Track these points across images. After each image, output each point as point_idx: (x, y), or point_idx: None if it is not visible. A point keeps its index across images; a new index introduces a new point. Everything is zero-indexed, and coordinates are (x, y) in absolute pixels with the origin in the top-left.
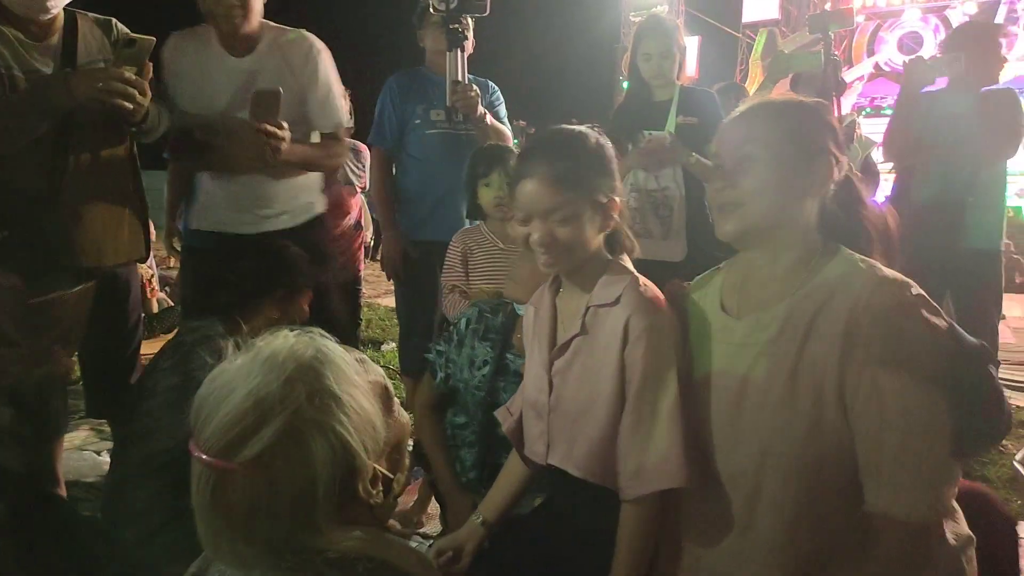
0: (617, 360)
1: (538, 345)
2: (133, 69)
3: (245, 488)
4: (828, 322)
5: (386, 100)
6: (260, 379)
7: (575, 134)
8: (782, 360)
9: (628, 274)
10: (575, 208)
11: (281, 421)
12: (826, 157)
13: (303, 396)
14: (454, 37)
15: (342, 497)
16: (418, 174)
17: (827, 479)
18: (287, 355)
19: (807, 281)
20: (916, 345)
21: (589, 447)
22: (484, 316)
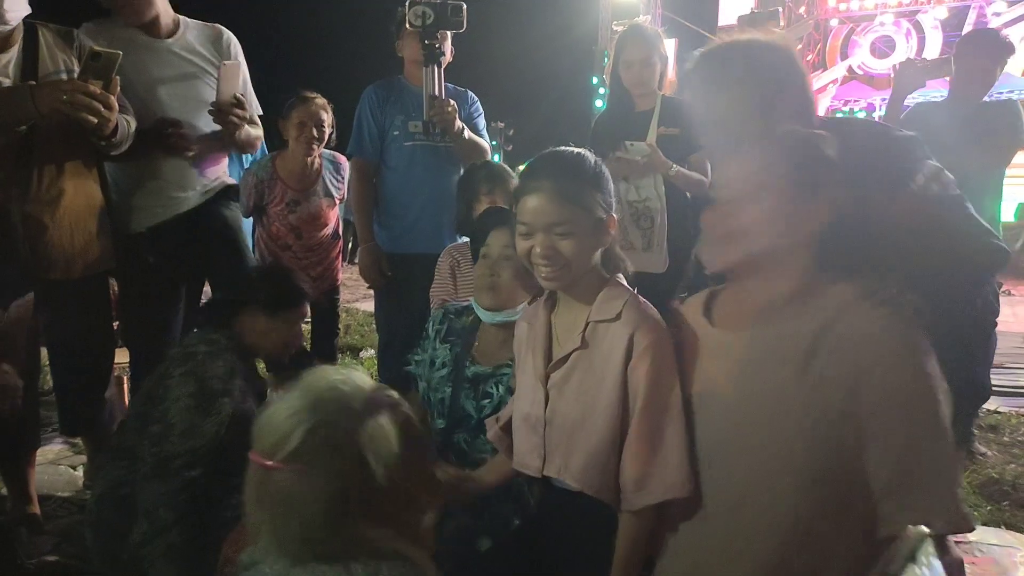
0: (619, 374)
1: (532, 358)
2: (99, 83)
3: (283, 480)
4: (832, 348)
5: (364, 111)
6: (297, 399)
7: (576, 154)
8: (783, 379)
9: (627, 291)
10: (577, 223)
11: (309, 424)
12: (826, 191)
13: (330, 411)
14: (430, 53)
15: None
16: (396, 186)
17: (826, 499)
18: (323, 382)
19: (807, 302)
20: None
21: (587, 459)
22: (449, 318)
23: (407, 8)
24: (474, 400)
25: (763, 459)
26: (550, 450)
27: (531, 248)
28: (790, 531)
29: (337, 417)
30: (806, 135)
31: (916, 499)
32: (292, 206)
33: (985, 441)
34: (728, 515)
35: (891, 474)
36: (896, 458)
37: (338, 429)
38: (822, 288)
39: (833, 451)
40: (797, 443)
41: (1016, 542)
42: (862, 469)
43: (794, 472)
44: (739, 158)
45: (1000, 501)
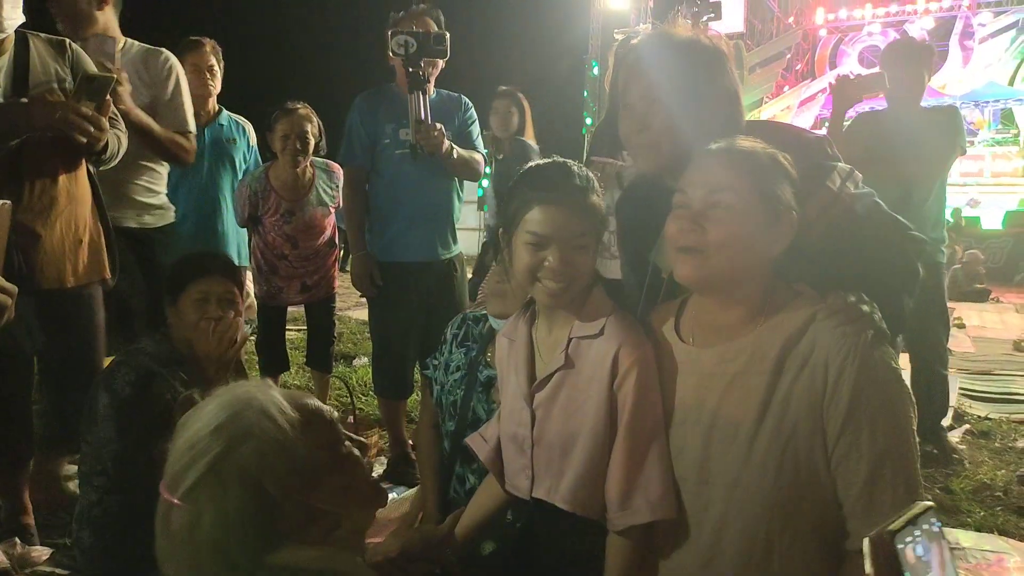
0: (606, 392)
1: (515, 377)
2: (92, 104)
3: (182, 518)
4: (799, 365)
5: (355, 119)
6: (199, 425)
7: (580, 167)
8: (752, 393)
9: (608, 305)
10: (591, 237)
11: (204, 463)
12: (791, 214)
13: (224, 442)
14: (415, 80)
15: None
16: (387, 194)
17: (803, 515)
18: (225, 404)
19: (771, 317)
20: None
21: (577, 480)
22: (467, 323)
23: (390, 37)
24: (486, 404)
25: (735, 477)
26: (538, 471)
27: (542, 261)
28: (764, 548)
29: (229, 449)
30: (776, 153)
31: (884, 516)
32: (287, 216)
33: (977, 447)
34: (702, 534)
35: (860, 491)
36: (864, 476)
37: (230, 462)
38: (784, 303)
39: (804, 468)
40: (769, 460)
41: (1009, 547)
42: (832, 485)
43: (766, 489)
44: (709, 165)
45: (992, 507)
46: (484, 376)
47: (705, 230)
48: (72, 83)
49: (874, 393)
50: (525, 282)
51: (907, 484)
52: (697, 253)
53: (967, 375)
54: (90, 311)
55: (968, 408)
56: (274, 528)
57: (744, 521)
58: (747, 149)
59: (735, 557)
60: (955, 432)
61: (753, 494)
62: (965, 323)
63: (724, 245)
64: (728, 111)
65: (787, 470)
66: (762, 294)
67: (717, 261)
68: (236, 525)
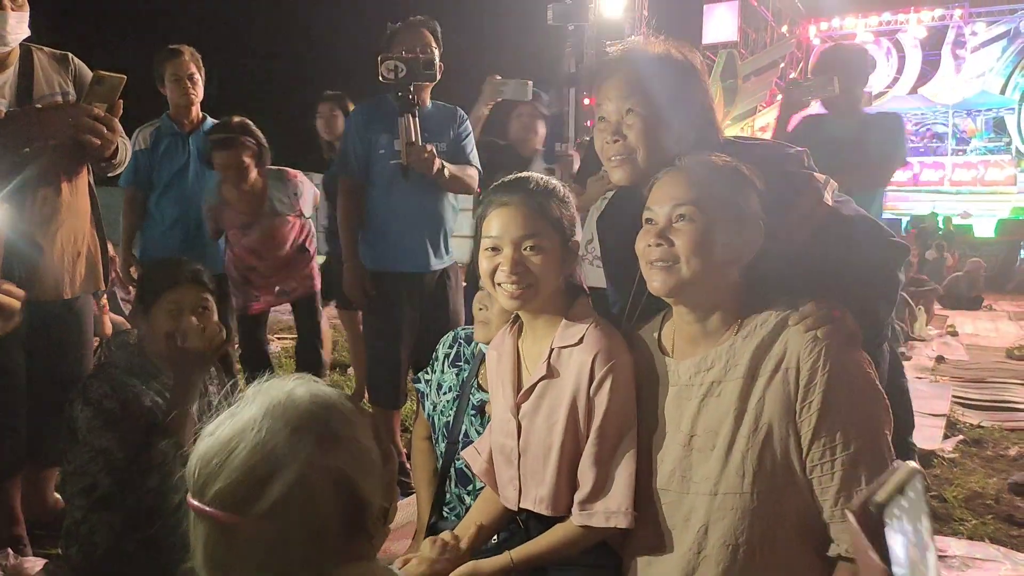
0: (584, 399)
1: (502, 389)
2: (103, 106)
3: (257, 540)
4: (771, 369)
5: (350, 130)
6: (266, 431)
7: (548, 179)
8: (727, 401)
9: (590, 316)
10: (548, 240)
11: (292, 472)
12: (756, 223)
13: (312, 444)
14: (404, 103)
15: (349, 534)
16: (382, 204)
17: (784, 521)
18: (288, 404)
19: (744, 324)
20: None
21: (560, 486)
22: (459, 342)
23: (379, 63)
24: (480, 427)
25: (715, 485)
26: (525, 481)
27: (496, 266)
28: (746, 555)
29: (317, 452)
30: (738, 165)
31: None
32: (245, 229)
33: (969, 455)
34: (684, 543)
35: (835, 498)
36: (839, 483)
37: (320, 467)
38: (758, 311)
39: (781, 473)
40: (746, 467)
41: (1001, 555)
42: (811, 490)
43: (745, 496)
44: (673, 181)
45: (984, 515)
46: (477, 399)
47: (672, 243)
48: (74, 96)
49: (846, 396)
50: (489, 288)
51: None
52: (666, 266)
53: (960, 383)
54: (84, 322)
55: (960, 416)
56: (364, 535)
57: (725, 529)
58: (708, 163)
59: (718, 565)
60: (948, 441)
61: (733, 501)
62: (958, 331)
63: (691, 255)
64: (701, 123)
65: (764, 476)
66: (736, 303)
67: (686, 272)
68: (333, 537)
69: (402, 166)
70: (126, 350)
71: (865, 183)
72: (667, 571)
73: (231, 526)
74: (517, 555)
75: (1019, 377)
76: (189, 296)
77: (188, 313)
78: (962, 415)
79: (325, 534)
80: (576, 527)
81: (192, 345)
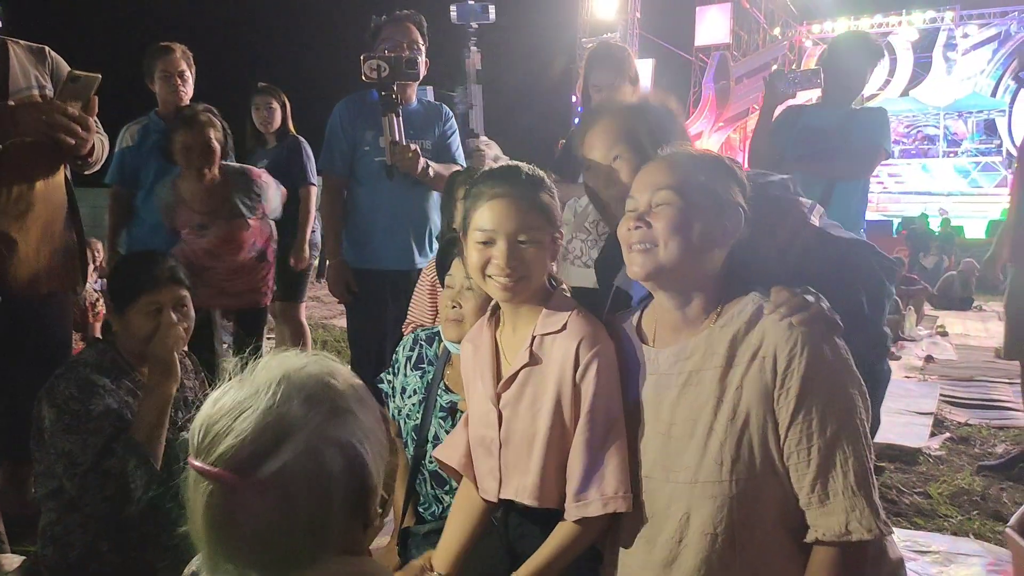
0: (569, 385)
1: (481, 380)
2: (78, 104)
3: (260, 506)
4: (749, 357)
5: (335, 125)
6: (279, 398)
7: (537, 172)
8: (706, 389)
9: (571, 303)
10: (541, 234)
11: (303, 439)
12: (736, 210)
13: (325, 415)
14: (387, 103)
15: (352, 517)
16: (366, 201)
17: (763, 508)
18: (304, 375)
19: (722, 313)
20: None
21: (546, 475)
22: (419, 344)
23: (362, 62)
24: (448, 428)
25: (695, 472)
26: (506, 472)
27: (488, 259)
28: (726, 542)
29: (329, 421)
30: (718, 155)
31: (836, 507)
32: (201, 230)
33: (956, 453)
34: (666, 530)
35: (811, 483)
36: (816, 468)
37: (330, 438)
38: (735, 299)
39: (760, 460)
40: (725, 454)
41: (985, 551)
42: (788, 477)
43: (724, 483)
44: (652, 169)
45: (970, 511)
46: (445, 401)
47: (651, 226)
48: (53, 90)
49: (823, 383)
50: (478, 280)
51: (858, 472)
52: (644, 249)
53: (948, 382)
54: (59, 318)
55: (948, 415)
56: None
57: (704, 517)
58: (687, 152)
59: (697, 554)
60: (935, 439)
61: (712, 489)
62: (948, 331)
63: (669, 238)
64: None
65: (743, 464)
66: (715, 291)
67: (663, 254)
68: (337, 516)
69: (387, 165)
70: (97, 346)
71: (849, 172)
72: (649, 560)
73: (234, 488)
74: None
75: (1008, 376)
76: (167, 296)
77: (167, 313)
78: (950, 413)
79: (329, 509)
80: (572, 525)
81: (170, 346)
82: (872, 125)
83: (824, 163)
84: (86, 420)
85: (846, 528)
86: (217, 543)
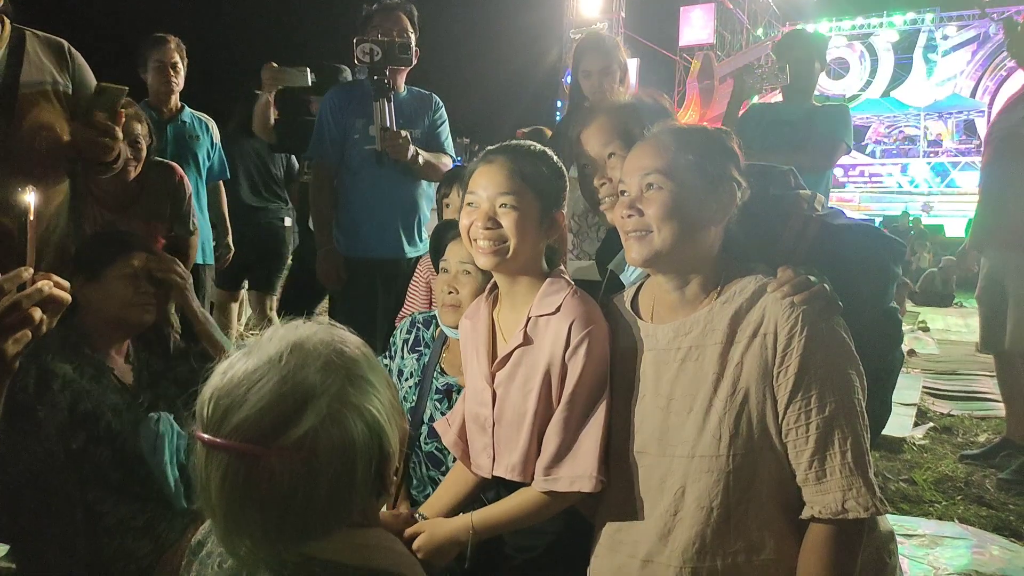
0: (559, 365)
1: (477, 358)
2: (105, 116)
3: (285, 474)
4: (750, 333)
5: (325, 113)
6: (294, 366)
7: (540, 148)
8: (705, 365)
9: (568, 285)
10: (524, 200)
11: (324, 405)
12: (729, 184)
13: (343, 381)
14: (379, 88)
15: (373, 483)
16: (356, 189)
17: (760, 485)
18: (316, 343)
19: (722, 291)
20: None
21: (531, 453)
22: (417, 327)
23: (355, 46)
24: (444, 410)
25: (692, 448)
26: (499, 449)
27: (472, 221)
28: (721, 517)
29: (348, 387)
30: (705, 129)
31: (832, 485)
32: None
33: (940, 442)
34: (661, 504)
35: (809, 461)
36: (813, 446)
37: (350, 403)
38: (734, 278)
39: (757, 437)
40: (723, 430)
41: (969, 534)
42: (785, 454)
43: (721, 459)
44: (640, 152)
45: (954, 497)
46: (441, 383)
47: (643, 212)
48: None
49: (822, 361)
50: (467, 246)
51: (855, 450)
52: (640, 236)
53: (931, 375)
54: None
55: (931, 406)
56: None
57: (700, 491)
58: (675, 129)
59: (692, 527)
60: (918, 429)
61: (709, 464)
62: (930, 326)
63: (662, 224)
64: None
65: (740, 440)
66: (714, 270)
67: (658, 241)
68: (360, 484)
69: (377, 152)
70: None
71: (811, 164)
72: (643, 534)
73: (254, 459)
74: (478, 518)
75: (988, 370)
76: (143, 261)
77: (143, 280)
78: (932, 404)
79: (353, 476)
80: (539, 493)
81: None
82: (833, 120)
83: (789, 155)
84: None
85: (843, 506)
86: (233, 515)
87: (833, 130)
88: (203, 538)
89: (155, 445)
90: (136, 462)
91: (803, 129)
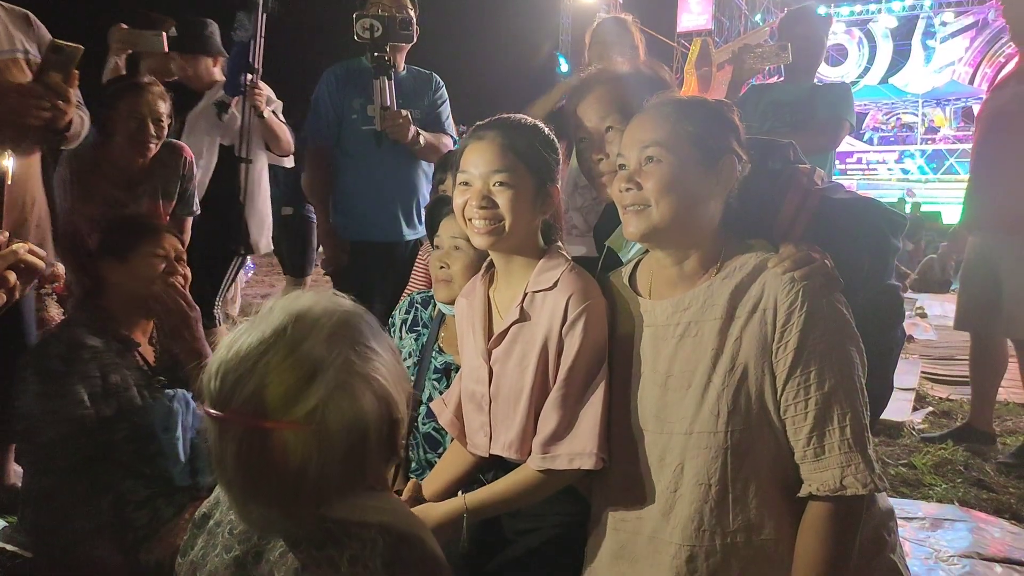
0: (556, 339)
1: (473, 335)
2: (59, 76)
3: (298, 446)
4: (749, 309)
5: (322, 93)
6: (300, 337)
7: (531, 121)
8: (704, 341)
9: (565, 261)
10: (518, 176)
11: (332, 376)
12: (730, 157)
13: (349, 350)
14: (380, 65)
15: (383, 449)
16: (354, 171)
17: (758, 461)
18: (320, 313)
19: (721, 267)
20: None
21: (527, 430)
22: (415, 307)
23: (355, 20)
24: (443, 390)
25: (690, 424)
26: (496, 427)
27: (467, 201)
28: (719, 494)
29: (354, 357)
30: (706, 100)
31: (831, 462)
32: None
33: (939, 426)
34: (661, 481)
35: (807, 437)
36: (812, 422)
37: (358, 373)
38: (734, 253)
39: (756, 413)
40: (721, 406)
41: (969, 517)
42: (784, 431)
43: (720, 435)
44: (639, 125)
45: (953, 479)
46: (439, 362)
47: (642, 185)
48: (36, 56)
49: (821, 337)
50: (462, 225)
51: (854, 427)
52: (638, 210)
53: (929, 360)
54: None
55: (930, 390)
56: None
57: (699, 467)
58: (674, 100)
59: (691, 504)
60: (917, 413)
61: (707, 440)
62: (928, 312)
63: (660, 197)
64: None
65: (739, 416)
66: (713, 245)
67: (656, 215)
68: (372, 451)
69: (376, 132)
70: (89, 305)
71: (815, 145)
72: (646, 511)
73: (266, 431)
74: (472, 498)
75: None
76: (171, 244)
77: (173, 262)
78: (931, 389)
79: (366, 443)
80: (535, 472)
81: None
82: (835, 99)
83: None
84: (72, 381)
85: (841, 483)
86: (251, 486)
87: (836, 108)
88: (208, 511)
89: (168, 423)
90: (149, 439)
91: (805, 109)
